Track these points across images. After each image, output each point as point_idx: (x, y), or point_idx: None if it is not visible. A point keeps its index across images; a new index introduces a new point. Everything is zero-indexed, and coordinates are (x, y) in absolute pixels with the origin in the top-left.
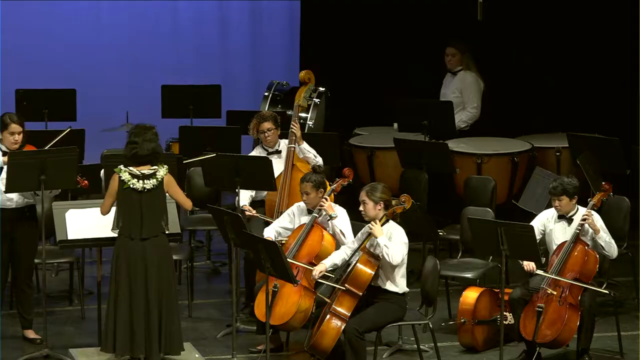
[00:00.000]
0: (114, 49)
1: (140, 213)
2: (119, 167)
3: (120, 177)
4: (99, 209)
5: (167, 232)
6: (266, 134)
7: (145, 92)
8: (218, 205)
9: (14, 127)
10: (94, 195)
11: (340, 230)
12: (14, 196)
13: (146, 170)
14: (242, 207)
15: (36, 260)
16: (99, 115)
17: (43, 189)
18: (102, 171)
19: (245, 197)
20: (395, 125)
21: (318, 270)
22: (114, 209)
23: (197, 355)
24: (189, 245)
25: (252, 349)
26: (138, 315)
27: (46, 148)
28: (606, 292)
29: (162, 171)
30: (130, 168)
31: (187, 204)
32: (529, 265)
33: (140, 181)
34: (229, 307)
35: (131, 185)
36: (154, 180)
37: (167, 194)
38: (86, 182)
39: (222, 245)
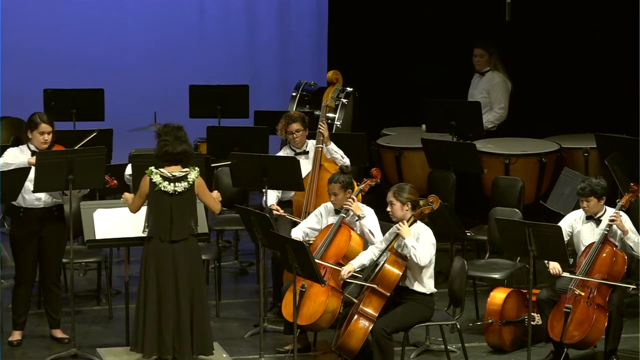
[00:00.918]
0: (142, 49)
1: (170, 215)
2: (150, 168)
3: (151, 179)
4: (126, 208)
5: (196, 232)
6: (294, 135)
7: (173, 92)
8: (246, 205)
9: (44, 126)
10: (121, 195)
11: (369, 230)
12: (42, 196)
13: (177, 172)
14: (269, 206)
15: (64, 260)
16: (127, 115)
17: (71, 189)
18: (129, 166)
19: (272, 196)
20: (424, 126)
21: (346, 270)
22: (144, 208)
23: (224, 355)
24: (217, 245)
25: (280, 349)
26: (167, 317)
27: (75, 148)
28: (634, 287)
29: (193, 174)
30: (162, 170)
31: (217, 207)
32: (554, 268)
33: (172, 184)
34: (257, 307)
35: (162, 188)
36: (185, 183)
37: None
38: (115, 181)
39: (250, 245)
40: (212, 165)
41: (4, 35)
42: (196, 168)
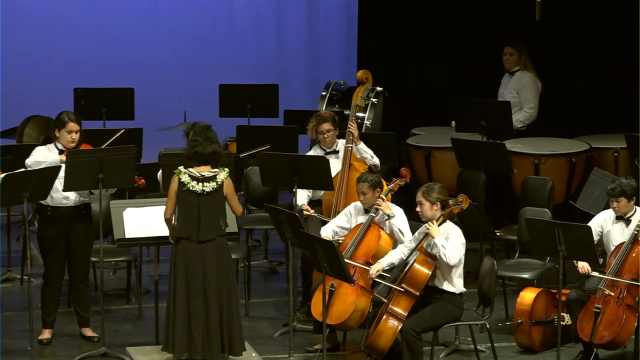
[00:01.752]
0: (172, 48)
1: (198, 215)
2: (178, 168)
3: (180, 178)
4: (156, 207)
5: (225, 233)
6: (325, 135)
7: (203, 91)
8: (275, 204)
9: (72, 125)
10: (151, 194)
11: (399, 229)
12: (70, 194)
13: (206, 172)
14: (300, 206)
15: (94, 259)
16: (157, 114)
17: (101, 188)
18: (159, 173)
19: (302, 196)
20: (453, 123)
21: (375, 269)
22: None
23: (254, 354)
24: (246, 245)
25: (309, 348)
26: (196, 317)
27: (105, 147)
28: None
29: (222, 174)
30: (190, 170)
31: (239, 210)
32: (583, 267)
33: (200, 184)
34: (286, 306)
35: (190, 188)
36: (214, 183)
37: None
38: (143, 180)
39: (280, 245)
40: (242, 155)
41: (35, 35)
42: (225, 169)
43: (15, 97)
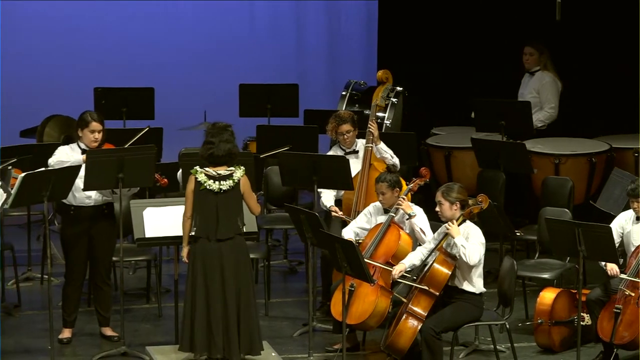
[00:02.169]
0: (192, 47)
1: (216, 214)
2: (194, 168)
3: (196, 178)
4: (176, 207)
5: (243, 231)
6: (345, 136)
7: (223, 90)
8: (295, 204)
9: (95, 125)
10: (171, 194)
11: (420, 229)
12: (92, 194)
13: (222, 171)
14: (329, 208)
15: (114, 258)
16: (177, 113)
17: (121, 187)
18: (179, 173)
19: (329, 197)
20: (473, 114)
21: (398, 269)
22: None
23: (273, 354)
24: (266, 244)
25: (329, 348)
26: (216, 316)
27: (125, 147)
28: None
29: (238, 172)
30: (207, 169)
31: (257, 209)
32: (612, 269)
33: (217, 182)
34: (306, 306)
35: (207, 187)
36: (231, 181)
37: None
38: (165, 180)
39: (299, 244)
40: (262, 156)
41: (56, 35)
42: (241, 167)
43: (36, 97)
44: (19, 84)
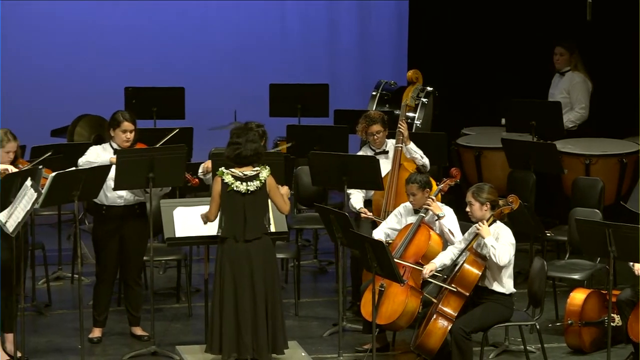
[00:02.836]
0: (223, 47)
1: (243, 215)
2: (221, 169)
3: (223, 179)
4: (206, 207)
5: (271, 231)
6: (375, 137)
7: (253, 90)
8: (325, 204)
9: (126, 125)
10: (202, 194)
11: (449, 230)
12: (124, 193)
13: (249, 171)
14: (358, 209)
15: (144, 258)
16: (207, 113)
17: (151, 187)
18: (202, 170)
19: (358, 198)
20: (503, 120)
21: (428, 269)
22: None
23: (303, 354)
24: (296, 244)
25: (359, 348)
26: (244, 316)
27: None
28: None
29: (264, 172)
30: (233, 170)
31: (285, 208)
32: (639, 269)
33: (244, 183)
34: (336, 306)
35: (234, 188)
36: (257, 181)
37: None
38: (197, 180)
39: (329, 244)
40: (277, 149)
41: (87, 34)
42: (267, 167)
43: (67, 96)
44: (50, 83)
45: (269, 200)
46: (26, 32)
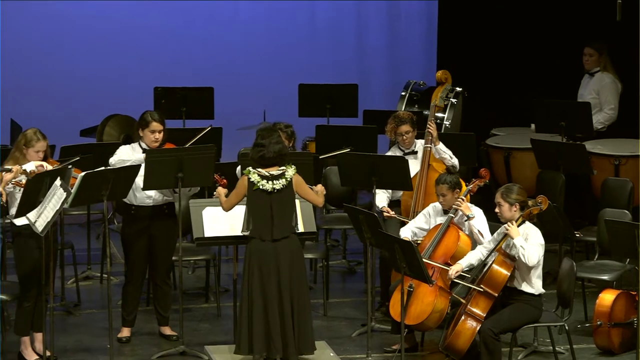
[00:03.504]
0: (252, 47)
1: (270, 214)
2: (247, 168)
3: (249, 178)
4: (236, 207)
5: (298, 231)
6: (404, 137)
7: (283, 90)
8: (354, 204)
9: (155, 125)
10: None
11: (478, 230)
12: (153, 193)
13: (274, 171)
14: (380, 208)
15: (173, 258)
16: (236, 113)
17: (180, 187)
18: (239, 168)
19: (382, 198)
20: (533, 126)
21: (454, 269)
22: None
23: (331, 354)
24: (325, 244)
25: (387, 348)
26: (273, 316)
27: (187, 146)
28: None
29: (290, 171)
30: (259, 169)
31: (319, 200)
32: None
33: (270, 182)
34: (364, 306)
35: (261, 187)
36: (283, 180)
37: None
38: (225, 180)
39: (358, 245)
40: (321, 157)
41: (116, 34)
42: (292, 165)
43: (96, 96)
44: (79, 83)
45: (297, 200)
46: (56, 32)
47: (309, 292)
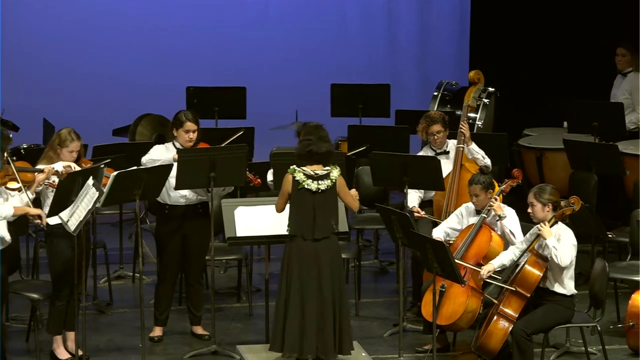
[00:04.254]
0: (284, 47)
1: (312, 213)
2: (292, 167)
3: (294, 177)
4: (267, 206)
5: (337, 231)
6: (435, 137)
7: (315, 90)
8: (386, 204)
9: (189, 125)
10: (263, 193)
11: (510, 231)
12: (186, 193)
13: (320, 170)
14: (411, 208)
15: (206, 257)
16: (268, 113)
17: (212, 186)
18: (270, 173)
19: (414, 198)
20: (565, 123)
21: (486, 270)
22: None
23: (363, 354)
24: (357, 244)
25: (419, 348)
26: (310, 316)
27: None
28: None
29: (335, 172)
30: (304, 168)
31: (356, 205)
32: None
33: (315, 182)
34: (396, 306)
35: (305, 186)
36: (328, 181)
37: None
38: (259, 180)
39: (390, 245)
40: (349, 154)
41: (148, 33)
42: (337, 167)
43: (128, 96)
44: (112, 83)
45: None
46: (90, 32)
47: (347, 293)
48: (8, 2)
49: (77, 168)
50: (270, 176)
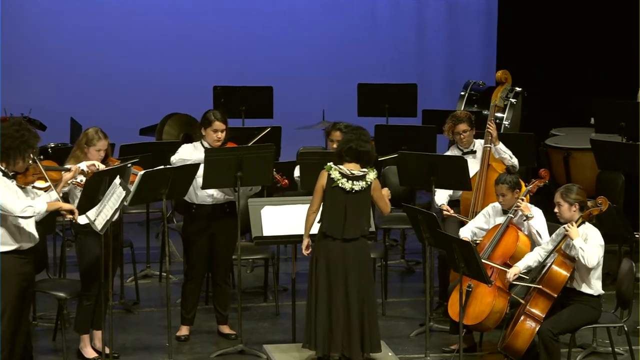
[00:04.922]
0: (311, 47)
1: (344, 213)
2: (329, 164)
3: (329, 174)
4: (294, 206)
5: (368, 233)
6: (462, 136)
7: (342, 90)
8: (413, 204)
9: (218, 124)
10: (289, 193)
11: (537, 231)
12: (214, 192)
13: (357, 170)
14: (440, 205)
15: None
16: (295, 113)
17: (239, 186)
18: (297, 170)
19: (443, 196)
20: (592, 120)
21: (512, 272)
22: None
23: (390, 354)
24: (384, 244)
25: (446, 348)
26: (337, 315)
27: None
28: None
29: (371, 174)
30: (340, 167)
31: (387, 208)
32: None
33: (350, 181)
34: (423, 306)
35: (340, 185)
36: (363, 182)
37: None
38: (286, 180)
39: (417, 244)
40: (380, 159)
41: (176, 32)
42: (374, 169)
43: (156, 95)
44: (139, 82)
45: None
46: (118, 31)
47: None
48: (39, 3)
49: (102, 167)
50: (297, 172)
